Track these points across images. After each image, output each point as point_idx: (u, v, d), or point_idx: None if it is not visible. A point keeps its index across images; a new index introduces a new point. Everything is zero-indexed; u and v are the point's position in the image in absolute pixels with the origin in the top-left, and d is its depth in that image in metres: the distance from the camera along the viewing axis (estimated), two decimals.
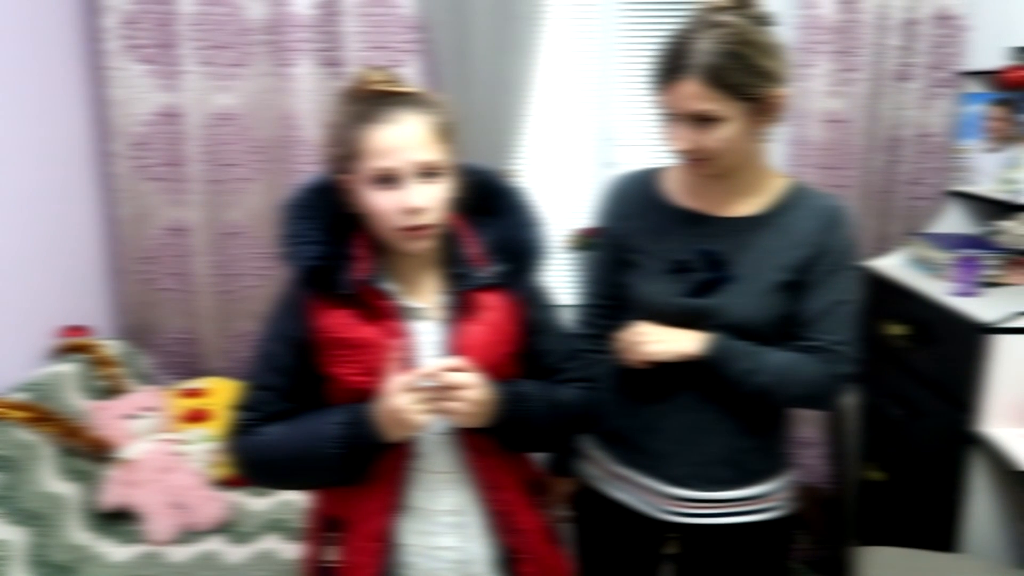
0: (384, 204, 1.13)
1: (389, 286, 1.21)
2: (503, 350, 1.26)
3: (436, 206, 1.15)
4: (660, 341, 1.30)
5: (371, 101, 1.14)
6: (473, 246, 1.25)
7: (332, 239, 1.20)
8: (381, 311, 1.19)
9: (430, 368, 1.11)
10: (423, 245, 1.18)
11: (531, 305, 1.30)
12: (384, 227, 1.16)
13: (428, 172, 1.14)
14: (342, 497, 1.25)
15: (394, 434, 1.13)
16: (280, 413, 1.22)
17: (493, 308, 1.24)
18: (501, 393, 1.18)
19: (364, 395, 1.15)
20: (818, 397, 1.37)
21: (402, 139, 1.12)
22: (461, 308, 1.22)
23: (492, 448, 1.24)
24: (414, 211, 1.13)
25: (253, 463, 1.24)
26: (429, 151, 1.13)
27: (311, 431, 1.18)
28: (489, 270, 1.24)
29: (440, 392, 1.11)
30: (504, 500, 1.27)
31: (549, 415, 1.27)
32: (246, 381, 1.26)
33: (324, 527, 1.29)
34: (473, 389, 1.13)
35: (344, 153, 1.15)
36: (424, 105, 1.16)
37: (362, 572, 1.23)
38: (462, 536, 1.26)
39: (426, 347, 1.20)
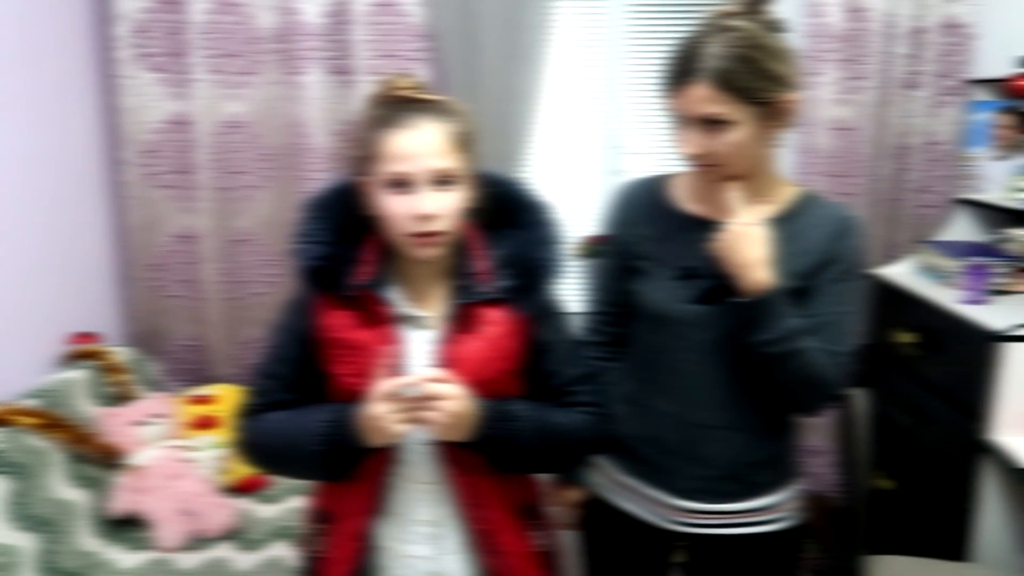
0: (395, 208, 1.14)
1: (392, 292, 1.22)
2: (500, 367, 1.23)
3: (448, 214, 1.15)
4: None
5: (393, 106, 1.16)
6: (481, 259, 1.24)
7: (340, 240, 1.21)
8: (378, 316, 1.20)
9: (411, 377, 1.11)
10: (431, 253, 1.18)
11: (540, 323, 1.26)
12: (394, 231, 1.17)
13: (442, 180, 1.14)
14: (332, 492, 1.29)
15: (372, 440, 1.13)
16: (282, 402, 1.24)
17: (494, 323, 1.22)
18: (486, 410, 1.15)
19: (357, 396, 1.15)
20: (813, 391, 1.32)
21: (418, 145, 1.13)
22: (460, 321, 1.21)
23: (477, 465, 1.21)
24: (424, 217, 1.13)
25: (251, 446, 1.27)
26: (444, 159, 1.14)
27: (299, 425, 1.20)
28: (492, 285, 1.22)
29: (419, 402, 1.10)
30: (486, 518, 1.25)
31: (540, 437, 1.21)
32: (258, 367, 1.30)
33: (315, 518, 1.32)
34: (452, 401, 1.10)
35: (362, 155, 1.17)
36: (445, 113, 1.16)
37: (339, 568, 1.25)
38: (437, 548, 1.25)
39: (419, 356, 1.20)
